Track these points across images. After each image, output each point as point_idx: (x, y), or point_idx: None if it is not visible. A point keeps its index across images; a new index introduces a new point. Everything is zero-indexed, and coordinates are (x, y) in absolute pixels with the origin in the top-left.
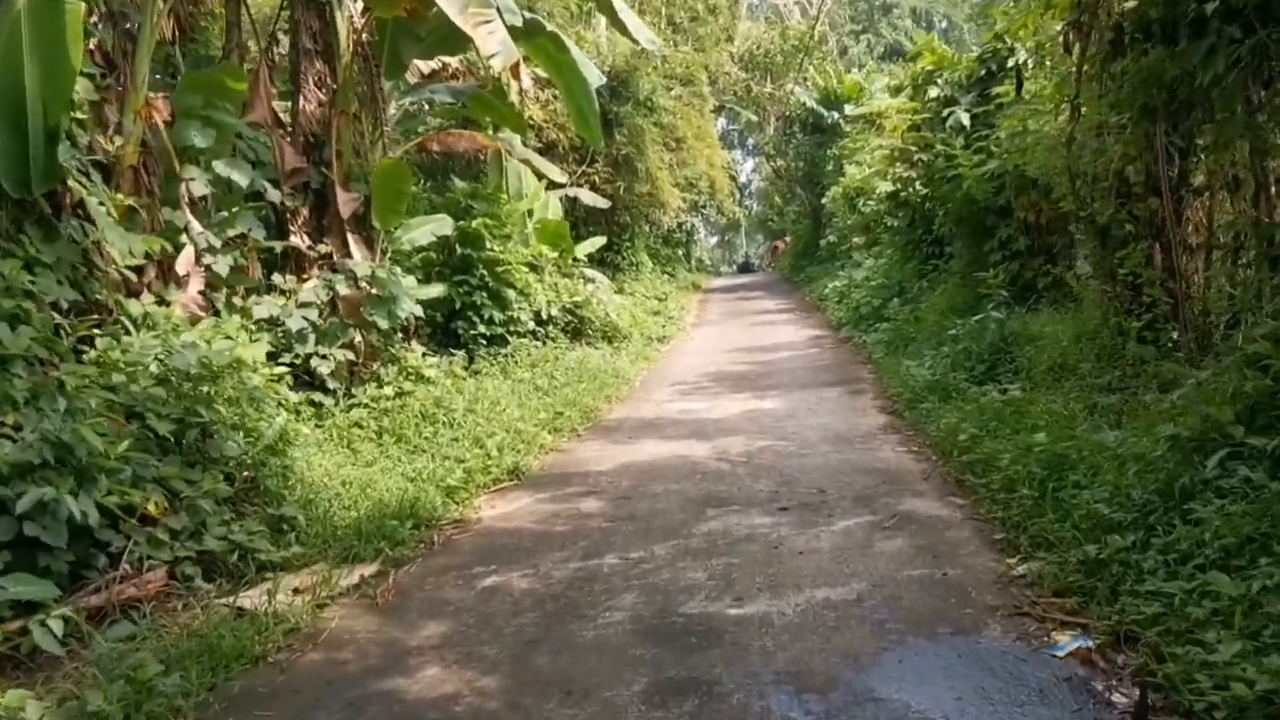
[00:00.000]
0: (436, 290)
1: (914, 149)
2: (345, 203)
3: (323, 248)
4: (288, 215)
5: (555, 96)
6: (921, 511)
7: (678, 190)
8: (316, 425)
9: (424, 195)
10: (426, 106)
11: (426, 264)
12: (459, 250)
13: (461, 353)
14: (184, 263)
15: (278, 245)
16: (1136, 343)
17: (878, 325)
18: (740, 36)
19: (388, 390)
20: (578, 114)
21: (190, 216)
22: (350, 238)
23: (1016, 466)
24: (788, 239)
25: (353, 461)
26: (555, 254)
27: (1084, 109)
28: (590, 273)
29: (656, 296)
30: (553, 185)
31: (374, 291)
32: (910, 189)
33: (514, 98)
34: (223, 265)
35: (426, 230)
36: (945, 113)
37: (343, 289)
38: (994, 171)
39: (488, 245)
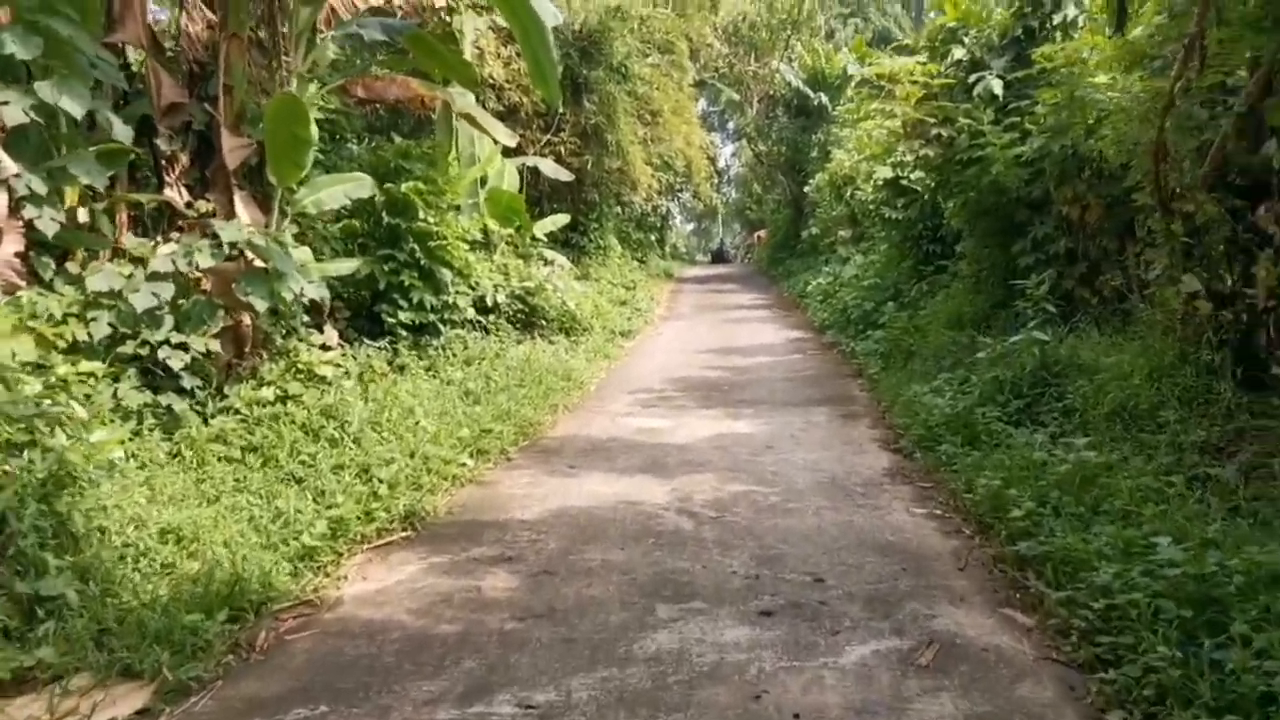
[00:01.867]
0: (348, 266)
1: (932, 121)
2: (233, 150)
3: (203, 205)
4: (163, 163)
5: (519, 54)
6: (969, 635)
7: (651, 168)
8: (166, 439)
9: (359, 155)
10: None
11: (348, 234)
12: (385, 219)
13: (384, 343)
14: None
15: (144, 198)
16: (1237, 386)
17: (869, 332)
18: (725, 8)
19: (266, 393)
20: (533, 64)
21: (1, 152)
22: (237, 194)
23: (1130, 596)
24: (765, 230)
25: (193, 496)
26: (509, 231)
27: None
28: (550, 254)
29: (624, 285)
30: (508, 153)
31: (255, 263)
32: (922, 172)
33: (466, 48)
34: (48, 221)
35: (338, 191)
36: (972, 79)
37: (205, 259)
38: (1031, 154)
39: (420, 215)
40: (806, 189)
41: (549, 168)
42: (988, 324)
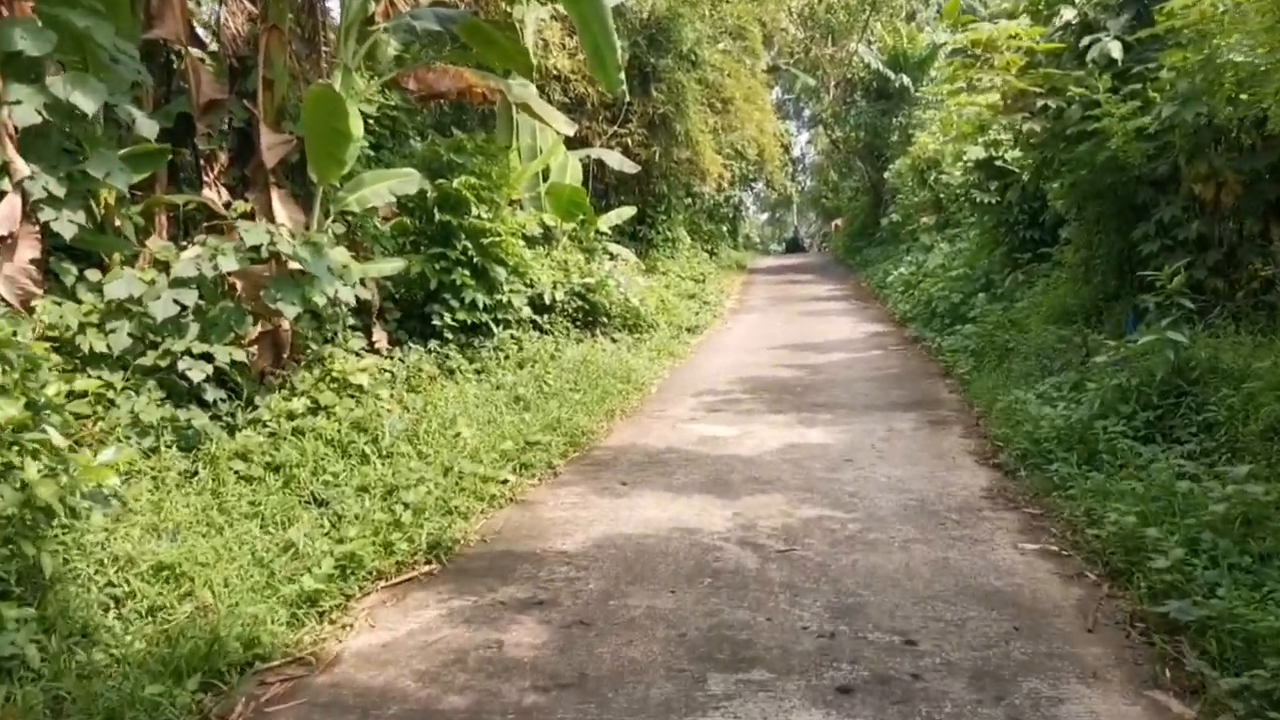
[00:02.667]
0: (393, 266)
1: (1037, 91)
2: (272, 146)
3: (241, 205)
4: (202, 162)
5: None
6: None
7: (721, 158)
8: (184, 456)
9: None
10: (423, 42)
11: (400, 231)
12: (437, 216)
13: (434, 345)
14: (4, 218)
15: (180, 199)
16: None
17: (958, 327)
18: None
19: (297, 404)
20: (592, 51)
21: (12, 152)
22: (276, 193)
23: None
24: (842, 218)
25: (200, 523)
26: (571, 225)
27: None
28: (615, 248)
29: (693, 277)
30: (572, 145)
31: (292, 266)
32: (1020, 151)
33: (528, 39)
34: (65, 224)
35: (383, 188)
36: (1084, 42)
37: (230, 262)
38: (1156, 125)
39: (473, 211)
40: (886, 175)
41: (614, 159)
42: (1099, 319)
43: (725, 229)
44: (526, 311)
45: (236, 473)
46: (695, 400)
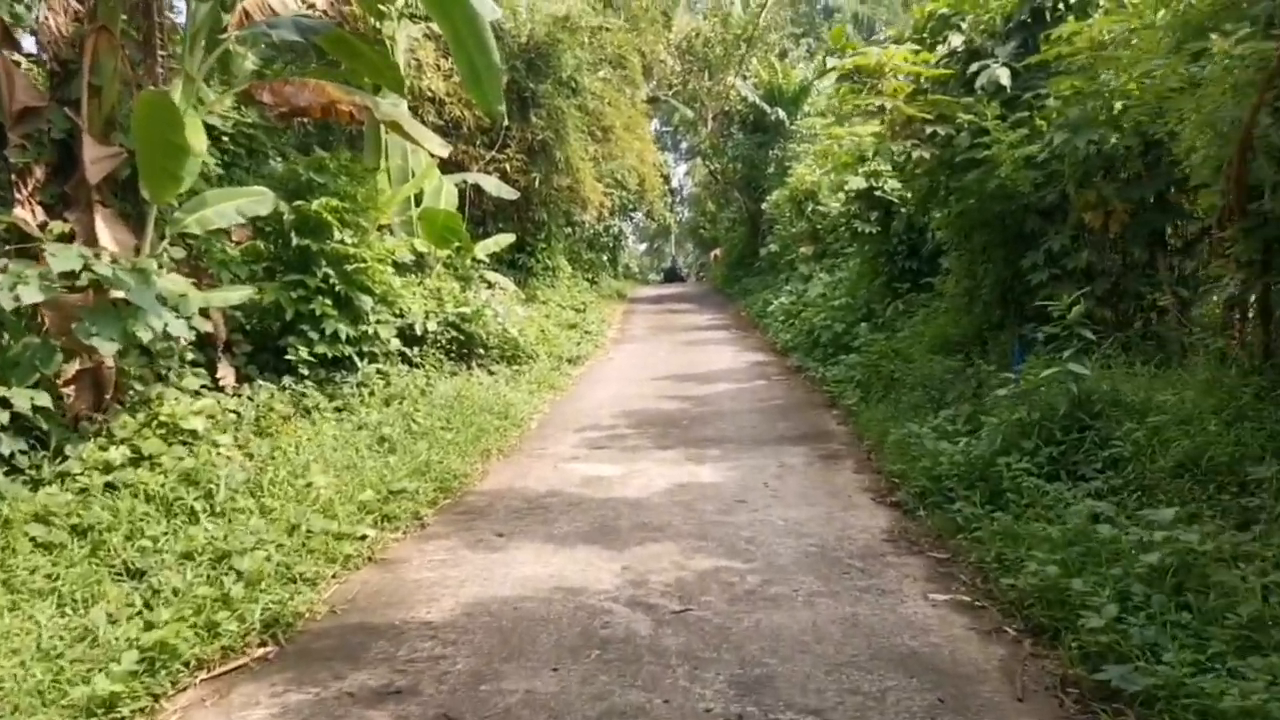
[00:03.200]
0: (239, 294)
1: (926, 117)
2: (97, 160)
3: (60, 225)
4: (14, 177)
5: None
6: None
7: (602, 186)
8: None
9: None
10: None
11: (253, 256)
12: (295, 240)
13: (288, 381)
14: None
15: None
16: None
17: (841, 356)
18: (679, 25)
19: (115, 454)
20: (467, 69)
21: None
22: (101, 213)
23: None
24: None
25: None
26: (446, 253)
27: None
28: (494, 277)
29: (574, 307)
30: (448, 169)
31: (115, 295)
32: (898, 182)
33: (400, 58)
34: None
35: (229, 208)
36: (973, 68)
37: (32, 292)
38: (1045, 153)
39: (335, 235)
40: (764, 206)
41: (492, 185)
42: (983, 349)
43: (606, 258)
44: (395, 343)
45: (33, 539)
46: (578, 436)
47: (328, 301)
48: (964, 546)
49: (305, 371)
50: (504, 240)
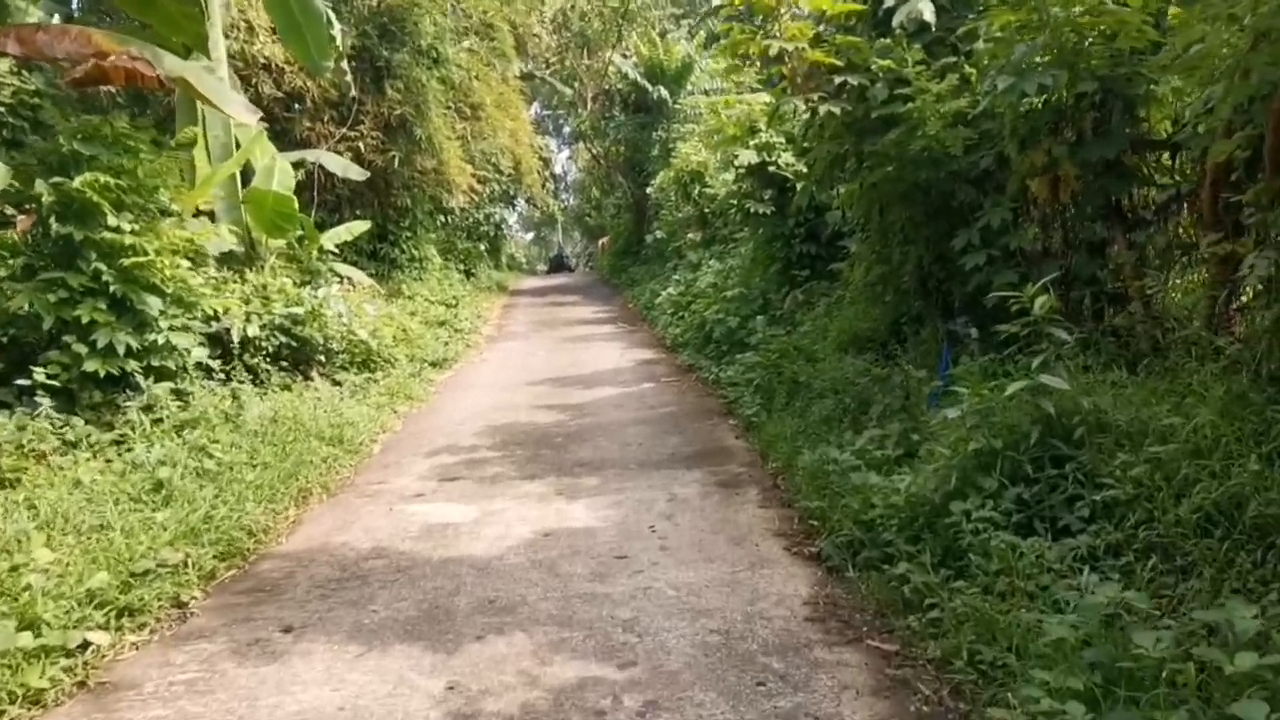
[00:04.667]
0: None
1: (835, 64)
2: None
3: None
4: None
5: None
6: None
7: (471, 168)
8: None
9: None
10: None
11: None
12: (55, 229)
13: (47, 406)
14: None
15: None
16: None
17: (735, 354)
18: (553, 3)
19: None
20: (284, 21)
21: None
22: None
23: None
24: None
25: None
26: (282, 242)
27: None
28: (346, 270)
29: (444, 302)
30: (290, 146)
31: None
32: (813, 140)
33: (217, 16)
34: None
35: None
36: (888, 2)
37: None
38: (980, 105)
39: (108, 221)
40: (649, 190)
41: (337, 164)
42: (899, 346)
43: (484, 248)
44: (199, 354)
45: None
46: (428, 463)
47: (100, 305)
48: (918, 634)
49: (80, 394)
50: (357, 228)
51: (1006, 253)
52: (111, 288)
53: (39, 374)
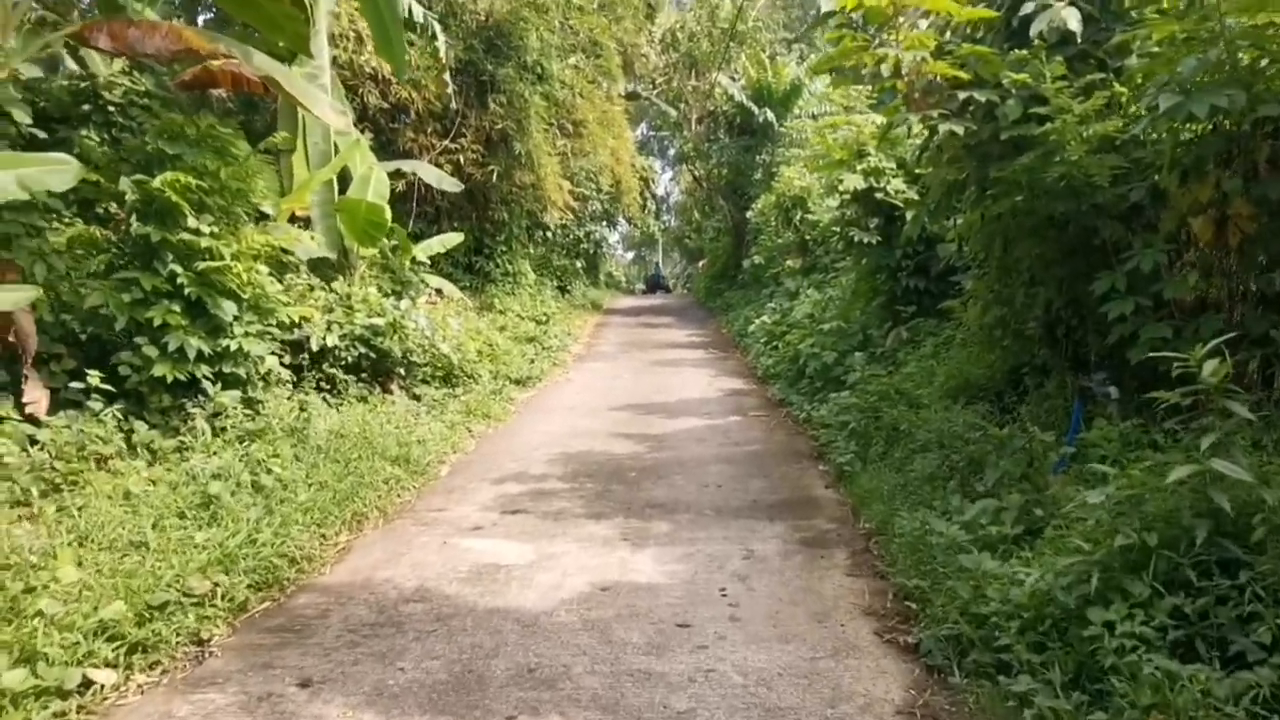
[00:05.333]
0: (15, 297)
1: (960, 78)
2: None
3: None
4: None
5: (410, 43)
6: None
7: (569, 184)
8: None
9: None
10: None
11: (85, 246)
12: (135, 227)
13: (118, 409)
14: None
15: None
16: None
17: (830, 392)
18: (662, 17)
19: None
20: (375, 24)
21: None
22: None
23: None
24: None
25: None
26: (372, 252)
27: None
28: (437, 282)
29: (535, 318)
30: (394, 157)
31: None
32: (930, 164)
33: (323, 20)
34: None
35: (10, 178)
36: (1026, 9)
37: None
38: (1144, 126)
39: (187, 223)
40: (749, 214)
41: (432, 175)
42: (1017, 398)
43: (580, 265)
44: (272, 362)
45: None
46: (493, 491)
47: (174, 307)
48: None
49: (151, 397)
50: (450, 240)
51: (1157, 302)
52: (186, 290)
53: (92, 377)
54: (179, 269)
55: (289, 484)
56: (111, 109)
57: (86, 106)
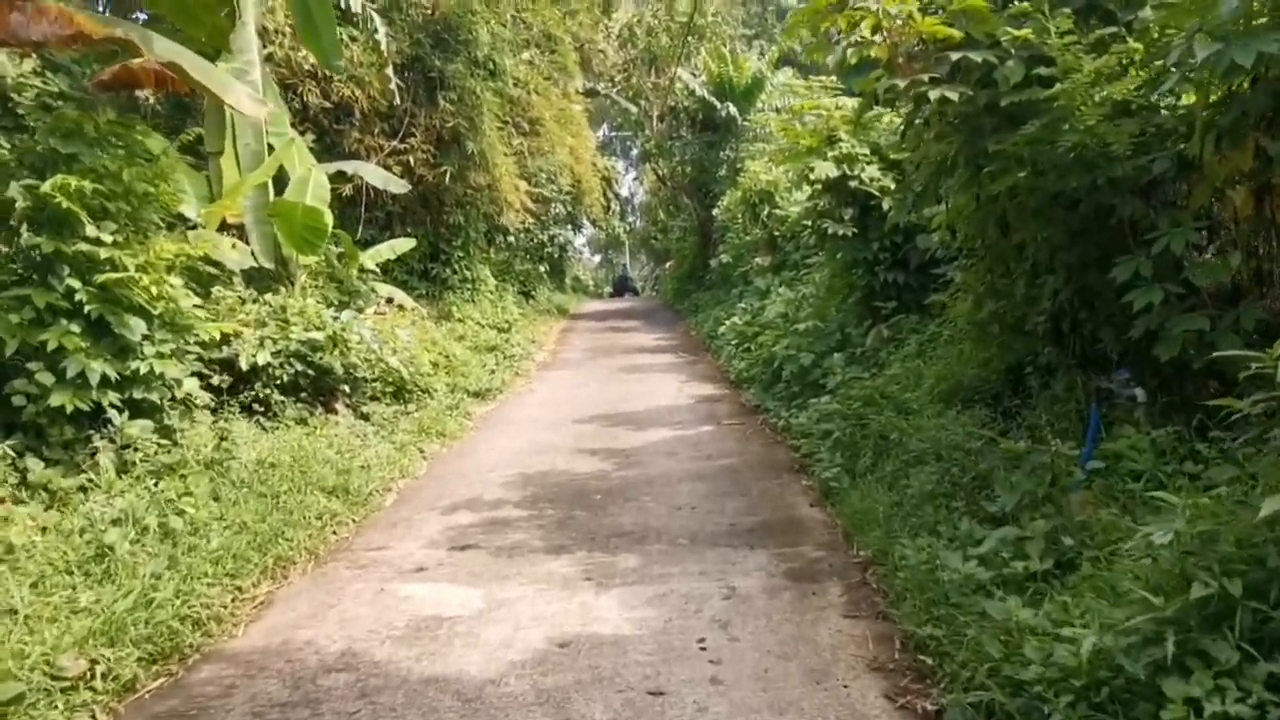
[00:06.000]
0: None
1: (952, 35)
2: None
3: None
4: None
5: (352, 38)
6: None
7: (527, 185)
8: None
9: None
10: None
11: None
12: (25, 238)
13: (13, 443)
14: None
15: None
16: None
17: (809, 397)
18: (619, 16)
19: None
20: (298, 7)
21: None
22: None
23: None
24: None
25: None
26: (313, 259)
27: None
28: (387, 290)
29: (497, 325)
30: (337, 159)
31: None
32: (877, 169)
33: (250, 15)
34: None
35: None
36: None
37: None
38: (1170, 84)
39: (86, 231)
40: (715, 211)
41: (376, 176)
42: (1019, 399)
43: (544, 270)
44: (191, 384)
45: None
46: (441, 524)
47: (73, 328)
48: None
49: (50, 430)
50: (400, 246)
51: (1187, 288)
52: (87, 308)
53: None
54: (77, 284)
55: (201, 527)
56: (21, 113)
57: None
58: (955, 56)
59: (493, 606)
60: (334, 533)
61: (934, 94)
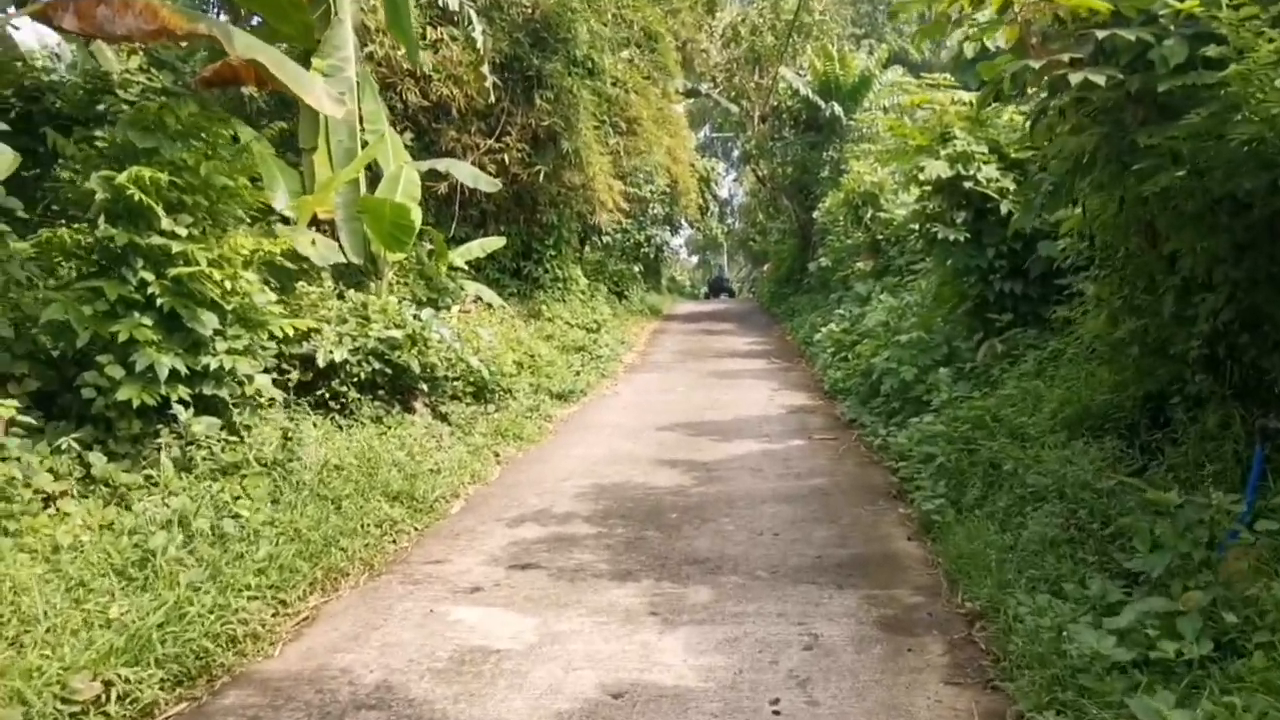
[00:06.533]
0: None
1: (1097, 7)
2: None
3: None
4: None
5: (452, 38)
6: None
7: (621, 185)
8: None
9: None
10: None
11: (50, 252)
12: (102, 229)
13: (82, 435)
14: None
15: None
16: None
17: (909, 415)
18: (722, 15)
19: None
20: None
21: None
22: None
23: None
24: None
25: None
26: (401, 256)
27: None
28: (475, 288)
29: (586, 325)
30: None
31: None
32: (995, 170)
33: (346, 13)
34: None
35: None
36: None
37: None
38: None
39: (160, 225)
40: (815, 214)
41: (467, 174)
42: (1162, 432)
43: (639, 270)
44: (263, 381)
45: None
46: (505, 537)
47: (144, 321)
48: None
49: (118, 423)
50: (491, 244)
51: None
52: (159, 301)
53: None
54: (150, 276)
55: (253, 532)
56: (126, 108)
57: (101, 106)
58: (1102, 35)
59: (545, 640)
60: (393, 542)
61: (1075, 78)
